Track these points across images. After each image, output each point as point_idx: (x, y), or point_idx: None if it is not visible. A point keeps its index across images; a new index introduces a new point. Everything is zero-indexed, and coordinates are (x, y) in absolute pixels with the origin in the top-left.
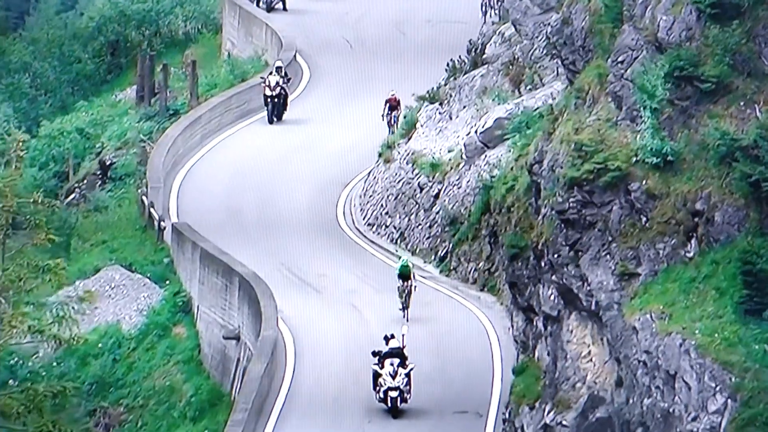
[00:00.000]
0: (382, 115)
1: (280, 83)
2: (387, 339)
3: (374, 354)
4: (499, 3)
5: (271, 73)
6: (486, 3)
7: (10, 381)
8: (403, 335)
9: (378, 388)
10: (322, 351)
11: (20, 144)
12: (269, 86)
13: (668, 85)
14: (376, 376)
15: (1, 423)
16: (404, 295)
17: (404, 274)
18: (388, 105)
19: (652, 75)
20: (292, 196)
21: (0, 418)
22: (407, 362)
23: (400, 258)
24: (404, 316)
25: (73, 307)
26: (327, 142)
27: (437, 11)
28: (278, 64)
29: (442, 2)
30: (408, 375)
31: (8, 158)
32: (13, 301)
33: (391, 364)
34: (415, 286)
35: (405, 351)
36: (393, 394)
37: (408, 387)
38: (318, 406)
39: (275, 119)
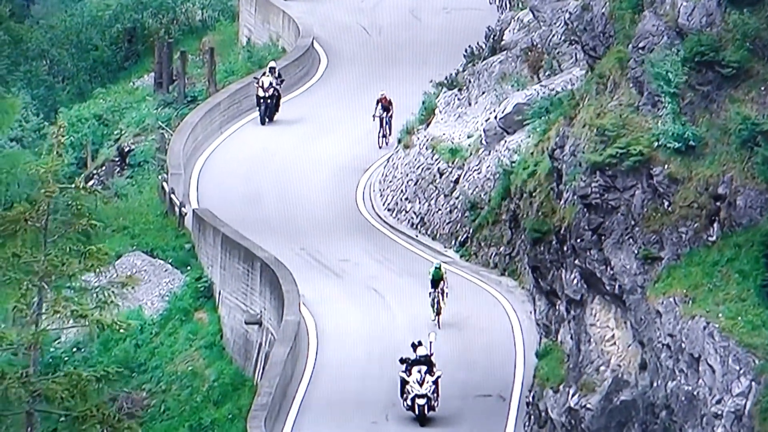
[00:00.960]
0: (374, 116)
1: (274, 84)
2: (414, 346)
3: (402, 361)
4: None
5: (264, 74)
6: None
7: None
8: (430, 342)
9: (405, 395)
10: (345, 336)
11: (62, 130)
12: (262, 87)
13: (686, 69)
14: (404, 383)
15: (45, 408)
16: (436, 302)
17: (436, 279)
18: (379, 105)
19: (668, 61)
20: (311, 182)
21: (44, 403)
22: (435, 369)
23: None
24: (436, 323)
25: (113, 292)
26: (346, 128)
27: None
28: (271, 64)
29: None
30: (435, 382)
31: (50, 144)
32: (55, 287)
33: (419, 372)
34: (447, 292)
35: (433, 358)
36: (420, 401)
37: (436, 395)
38: (341, 390)
39: (267, 120)
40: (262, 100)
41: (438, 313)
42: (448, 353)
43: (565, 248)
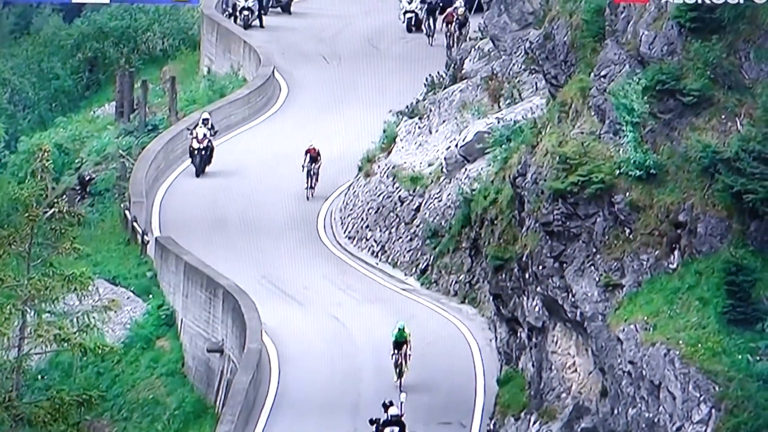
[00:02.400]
0: (302, 166)
1: (208, 135)
2: (386, 406)
3: (372, 422)
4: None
5: (197, 125)
6: (429, 26)
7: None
8: (401, 403)
9: None
10: (307, 363)
11: (46, 154)
12: (197, 138)
13: (648, 98)
14: None
15: (27, 431)
16: (399, 364)
17: (400, 342)
18: (308, 156)
19: (630, 89)
20: (273, 209)
21: (27, 426)
22: (406, 430)
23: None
24: (399, 386)
25: (95, 316)
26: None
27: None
28: (204, 116)
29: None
30: None
31: (34, 168)
32: (38, 311)
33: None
34: (410, 354)
35: (404, 419)
36: None
37: None
38: (303, 417)
39: (201, 173)
40: (196, 152)
41: (400, 376)
42: (410, 381)
43: (526, 275)
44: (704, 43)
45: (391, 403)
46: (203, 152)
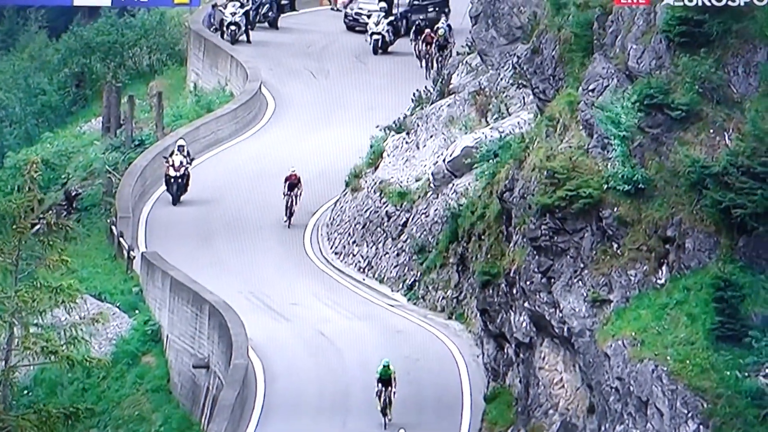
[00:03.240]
0: (283, 193)
1: (184, 163)
2: None
3: None
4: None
5: (173, 153)
6: (427, 58)
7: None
8: None
9: None
10: (293, 379)
11: (34, 166)
12: (173, 166)
13: (636, 112)
14: None
15: None
16: (384, 403)
17: (385, 379)
18: (287, 183)
19: (618, 104)
20: (260, 224)
21: None
22: None
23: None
24: (384, 424)
25: (82, 329)
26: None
27: (396, 44)
28: (180, 143)
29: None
30: None
31: (22, 181)
32: (25, 323)
33: None
34: (395, 392)
35: None
36: None
37: None
38: None
39: (177, 202)
40: (173, 180)
41: (384, 414)
42: (400, 398)
43: (514, 291)
44: (693, 57)
45: None
46: (179, 180)
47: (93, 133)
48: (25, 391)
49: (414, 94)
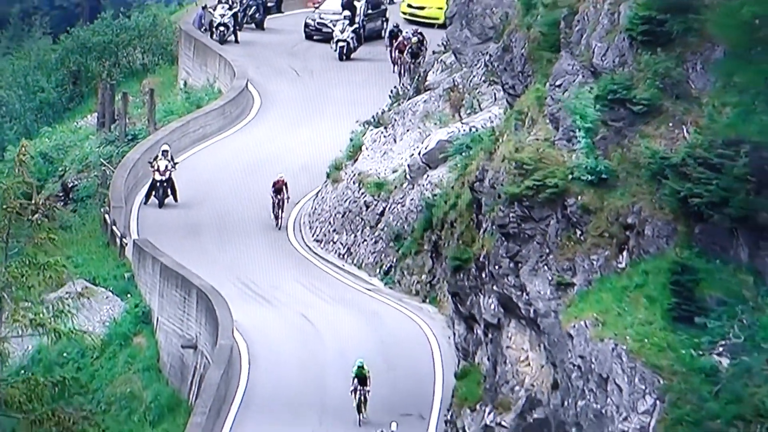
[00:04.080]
0: (271, 197)
1: (168, 167)
2: None
3: None
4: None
5: (157, 158)
6: (400, 65)
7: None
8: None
9: None
10: (276, 359)
11: (24, 149)
12: (158, 170)
13: (600, 107)
14: None
15: (3, 411)
16: (359, 400)
17: (360, 377)
18: (275, 188)
19: (584, 99)
20: (246, 214)
21: (3, 407)
22: None
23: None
24: (359, 421)
25: (69, 303)
26: (277, 164)
27: (375, 47)
28: (164, 147)
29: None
30: None
31: (12, 164)
32: (14, 297)
33: None
34: (369, 391)
35: None
36: None
37: None
38: (272, 409)
39: (162, 204)
40: (158, 184)
41: (359, 411)
42: (374, 377)
43: (483, 275)
44: (654, 54)
45: None
46: (165, 184)
47: (88, 128)
48: (22, 371)
49: (391, 91)
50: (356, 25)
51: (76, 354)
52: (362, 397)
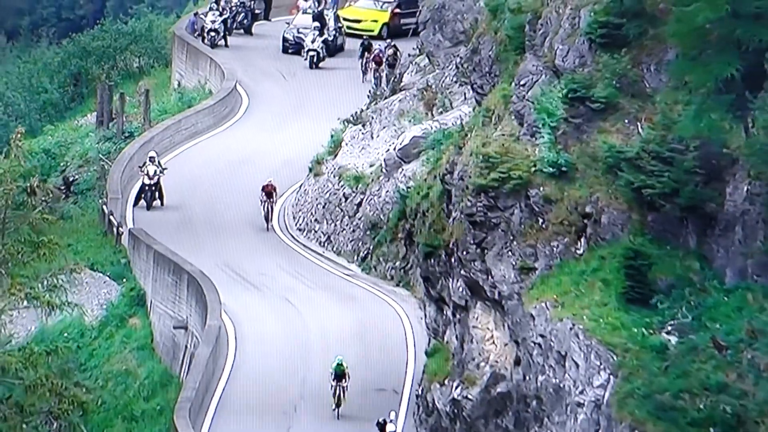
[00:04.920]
0: (260, 200)
1: (157, 172)
2: (382, 425)
3: None
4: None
5: (145, 163)
6: (376, 76)
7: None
8: (391, 421)
9: None
10: (261, 339)
11: (19, 135)
12: (148, 175)
13: (562, 104)
14: None
15: (1, 379)
16: (337, 395)
17: (338, 374)
18: (264, 192)
19: (551, 97)
20: (234, 205)
21: (2, 373)
22: None
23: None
24: (337, 415)
25: (62, 278)
26: (264, 159)
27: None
28: (151, 154)
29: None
30: None
31: (8, 149)
32: (11, 273)
33: None
34: (347, 386)
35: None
36: None
37: None
38: (256, 385)
39: (151, 207)
40: (147, 188)
41: (338, 405)
42: (352, 355)
43: (452, 260)
44: (612, 56)
45: (386, 422)
46: (153, 188)
47: (88, 126)
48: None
49: (369, 91)
50: (326, 36)
51: (76, 334)
52: (341, 392)
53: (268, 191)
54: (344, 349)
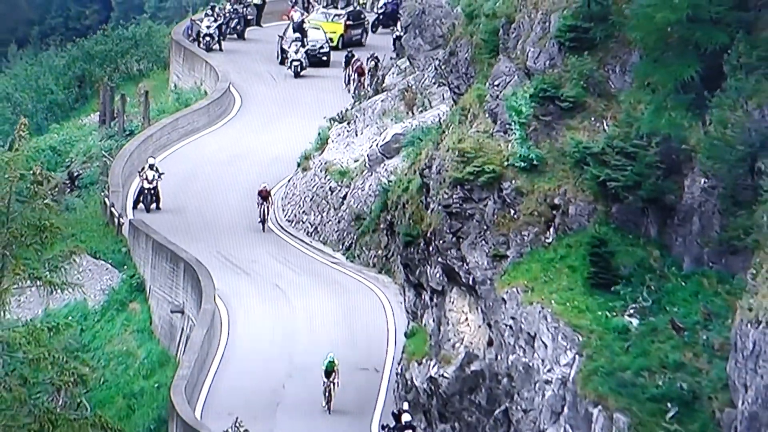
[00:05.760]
0: (257, 204)
1: (156, 177)
2: (397, 415)
3: (383, 428)
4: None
5: (143, 169)
6: (357, 86)
7: None
8: (406, 411)
9: None
10: (252, 322)
11: (23, 126)
12: (147, 179)
13: (533, 103)
14: None
15: (7, 353)
16: (328, 391)
17: (329, 371)
18: (260, 196)
19: (519, 96)
20: (227, 198)
21: (5, 348)
22: None
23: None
24: (327, 410)
25: (62, 258)
26: (256, 155)
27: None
28: (150, 161)
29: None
30: None
31: (12, 138)
32: (15, 254)
33: None
34: (338, 383)
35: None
36: None
37: None
38: (248, 365)
39: (149, 210)
40: (147, 191)
41: (329, 401)
42: (336, 337)
43: (430, 249)
44: (579, 58)
45: (401, 411)
46: (152, 191)
47: (92, 125)
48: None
49: (354, 93)
50: (307, 48)
51: (80, 318)
52: (332, 387)
53: (264, 195)
54: (329, 331)
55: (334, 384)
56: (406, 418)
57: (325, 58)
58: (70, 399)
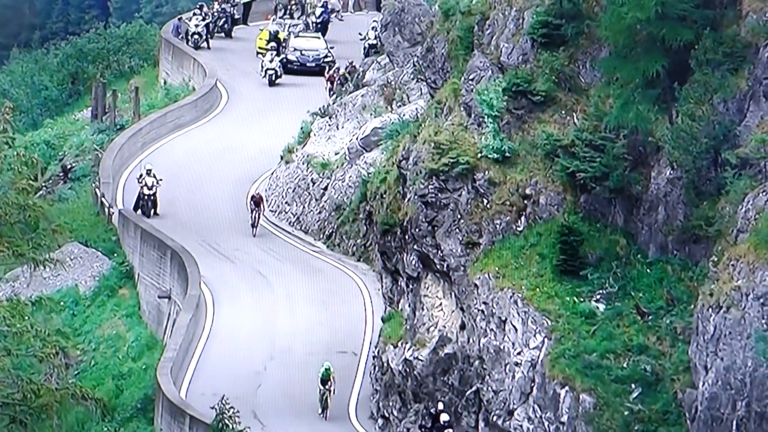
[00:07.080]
0: (249, 209)
1: (155, 184)
2: (435, 415)
3: (422, 428)
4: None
5: (142, 175)
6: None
7: None
8: (443, 411)
9: None
10: (235, 306)
11: (7, 110)
12: (146, 185)
13: (505, 97)
14: None
15: None
16: (324, 399)
17: (325, 379)
18: (252, 201)
19: (491, 90)
20: (213, 189)
21: None
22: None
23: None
24: (323, 416)
25: (43, 236)
26: (241, 149)
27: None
28: (148, 167)
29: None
30: None
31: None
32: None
33: None
34: (334, 390)
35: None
36: None
37: None
38: (231, 347)
39: (148, 216)
40: (146, 197)
41: (325, 409)
42: (316, 321)
43: (406, 237)
44: (551, 54)
45: (439, 412)
46: (152, 197)
47: (84, 119)
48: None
49: (334, 91)
50: (282, 56)
51: (71, 303)
52: (328, 395)
53: (257, 201)
54: (309, 316)
55: (330, 391)
56: (444, 417)
57: (326, 65)
58: (51, 370)
